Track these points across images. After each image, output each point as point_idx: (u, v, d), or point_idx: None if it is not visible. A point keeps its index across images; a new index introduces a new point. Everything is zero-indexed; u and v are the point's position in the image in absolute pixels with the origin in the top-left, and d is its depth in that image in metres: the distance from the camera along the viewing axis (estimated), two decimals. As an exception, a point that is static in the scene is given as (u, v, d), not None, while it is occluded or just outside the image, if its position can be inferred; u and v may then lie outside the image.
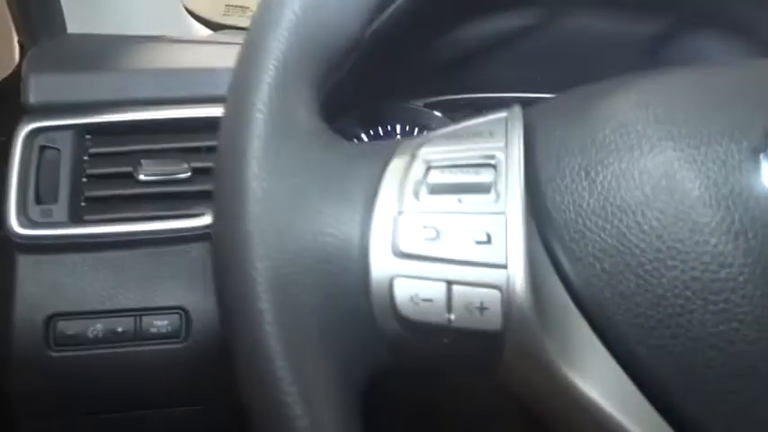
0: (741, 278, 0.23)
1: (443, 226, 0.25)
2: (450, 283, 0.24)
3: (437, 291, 0.24)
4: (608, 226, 0.25)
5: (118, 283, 0.42)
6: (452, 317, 0.24)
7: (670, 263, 0.24)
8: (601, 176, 0.26)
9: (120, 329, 0.41)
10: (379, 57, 0.52)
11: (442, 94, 0.55)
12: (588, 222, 0.25)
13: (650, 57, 0.50)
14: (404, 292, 0.24)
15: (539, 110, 0.30)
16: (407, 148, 0.27)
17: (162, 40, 0.52)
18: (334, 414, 0.23)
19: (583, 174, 0.26)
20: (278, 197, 0.24)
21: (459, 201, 0.25)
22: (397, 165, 0.26)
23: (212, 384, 0.42)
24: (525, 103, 0.30)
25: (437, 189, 0.25)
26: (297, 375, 0.22)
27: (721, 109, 0.26)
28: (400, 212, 0.25)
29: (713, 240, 0.23)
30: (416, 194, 0.25)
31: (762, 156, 0.24)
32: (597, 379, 0.24)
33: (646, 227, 0.24)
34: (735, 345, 0.23)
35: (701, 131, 0.25)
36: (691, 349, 0.23)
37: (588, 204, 0.25)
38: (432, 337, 0.24)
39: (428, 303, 0.24)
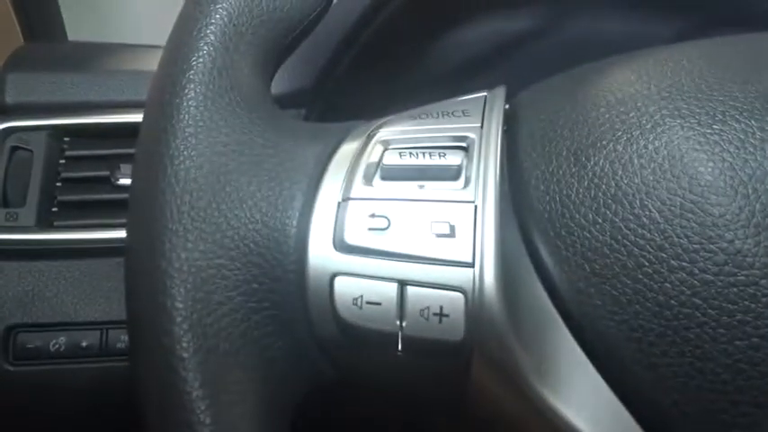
0: (764, 282, 0.18)
1: (396, 215, 0.21)
2: (402, 283, 0.20)
3: (387, 292, 0.20)
4: (600, 219, 0.21)
5: (85, 294, 0.39)
6: (404, 324, 0.20)
7: (675, 263, 0.19)
8: (593, 161, 0.21)
9: (84, 344, 0.38)
10: (378, 62, 0.49)
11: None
12: (577, 215, 0.21)
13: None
14: (346, 292, 0.20)
15: (526, 92, 0.26)
16: (365, 128, 0.23)
17: (152, 48, 0.50)
18: None
19: (572, 158, 0.22)
20: (202, 179, 0.20)
21: (421, 187, 0.21)
22: (349, 146, 0.23)
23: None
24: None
25: (393, 173, 0.22)
26: (209, 390, 0.18)
27: (738, 81, 0.21)
28: (346, 199, 0.21)
29: (729, 235, 0.19)
30: (368, 179, 0.22)
31: None
32: (584, 404, 0.20)
33: (645, 220, 0.20)
34: (757, 366, 0.18)
35: (714, 107, 0.21)
36: (699, 370, 0.19)
37: (577, 194, 0.21)
38: (379, 348, 0.20)
39: (375, 307, 0.20)
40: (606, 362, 0.20)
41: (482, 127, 0.23)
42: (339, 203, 0.21)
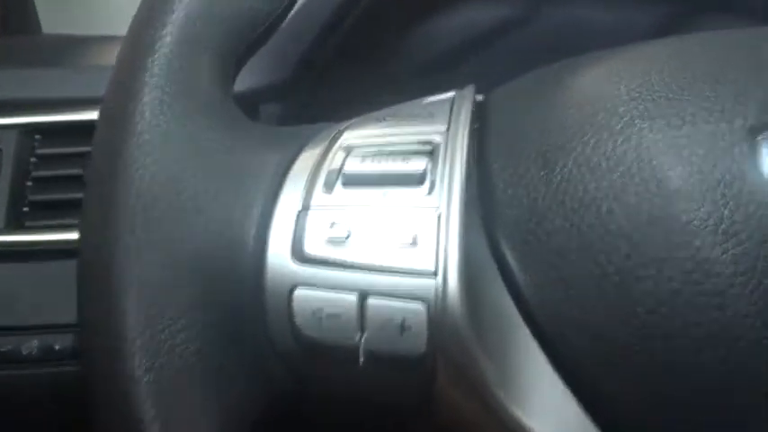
0: (732, 291, 0.18)
1: (357, 224, 0.20)
2: (363, 294, 0.20)
3: (346, 304, 0.20)
4: (567, 225, 0.20)
5: (58, 296, 0.38)
6: (365, 337, 0.19)
7: (642, 272, 0.19)
8: (561, 164, 0.21)
9: (57, 346, 0.37)
10: (361, 51, 0.48)
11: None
12: (543, 221, 0.20)
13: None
14: (305, 305, 0.20)
15: (496, 91, 0.25)
16: (328, 132, 0.23)
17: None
18: None
19: (541, 161, 0.21)
20: (157, 188, 0.20)
21: (384, 195, 0.21)
22: (311, 152, 0.22)
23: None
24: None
25: (355, 180, 0.21)
26: (160, 410, 0.18)
27: (709, 81, 0.21)
28: (305, 208, 0.21)
29: (697, 242, 0.19)
30: (329, 187, 0.21)
31: (760, 137, 0.19)
32: (548, 415, 0.19)
33: (612, 226, 0.19)
34: (724, 380, 0.18)
35: (683, 108, 0.20)
36: (667, 383, 0.18)
37: (544, 199, 0.21)
38: (340, 362, 0.20)
39: (335, 320, 0.20)
40: (572, 371, 0.19)
41: (448, 130, 0.22)
42: (299, 212, 0.21)
